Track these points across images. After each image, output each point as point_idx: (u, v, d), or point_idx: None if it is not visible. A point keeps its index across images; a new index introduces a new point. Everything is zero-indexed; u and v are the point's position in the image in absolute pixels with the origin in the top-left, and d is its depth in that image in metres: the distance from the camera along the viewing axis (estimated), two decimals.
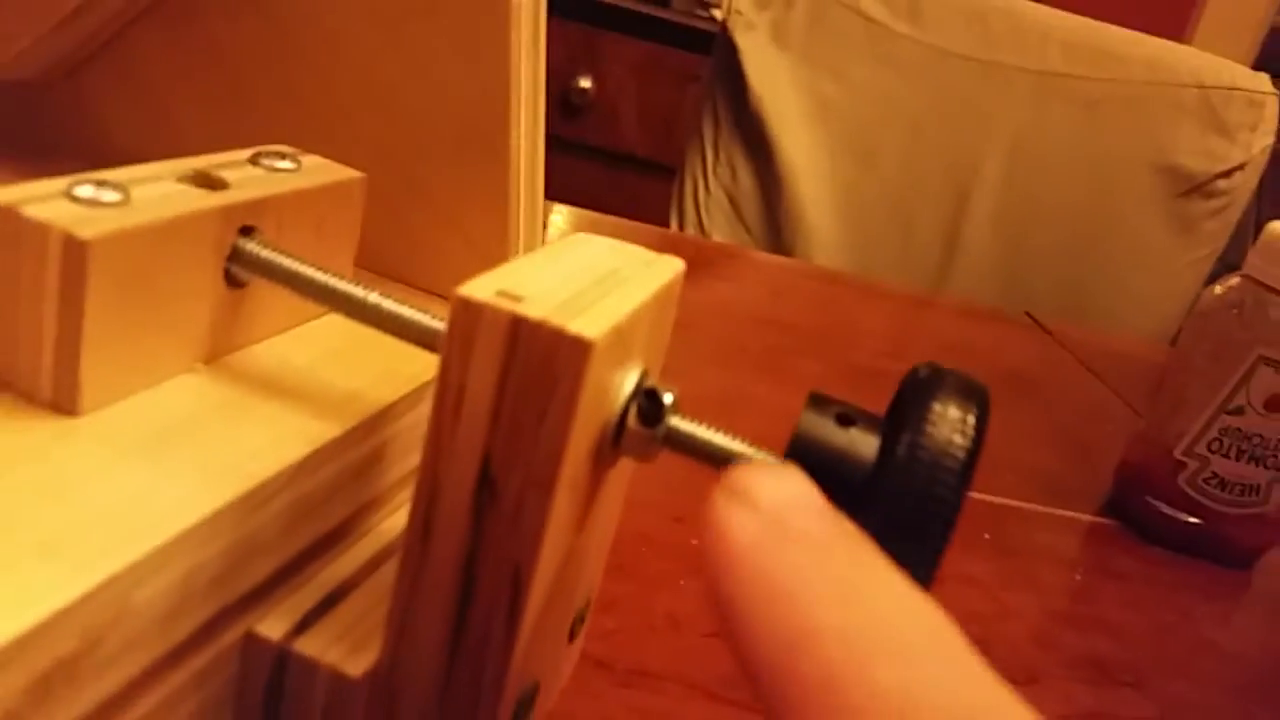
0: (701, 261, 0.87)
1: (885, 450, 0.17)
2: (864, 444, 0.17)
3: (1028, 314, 0.87)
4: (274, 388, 0.20)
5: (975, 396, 0.17)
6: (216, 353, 0.20)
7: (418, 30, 0.24)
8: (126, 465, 0.17)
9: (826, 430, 0.17)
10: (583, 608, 0.23)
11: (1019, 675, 0.39)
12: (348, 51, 0.25)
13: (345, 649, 0.18)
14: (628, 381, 0.18)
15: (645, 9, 1.70)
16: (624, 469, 0.21)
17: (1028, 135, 1.08)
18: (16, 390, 0.17)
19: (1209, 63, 1.11)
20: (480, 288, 0.16)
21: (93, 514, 0.15)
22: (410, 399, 0.21)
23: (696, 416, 0.18)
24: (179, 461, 0.17)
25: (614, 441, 0.18)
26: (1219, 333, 0.50)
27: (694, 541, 0.39)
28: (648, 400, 0.18)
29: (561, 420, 0.16)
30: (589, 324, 0.16)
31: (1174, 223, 1.11)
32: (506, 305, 0.16)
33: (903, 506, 0.16)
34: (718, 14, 1.29)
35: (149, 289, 0.18)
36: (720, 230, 1.13)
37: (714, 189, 1.12)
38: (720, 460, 0.18)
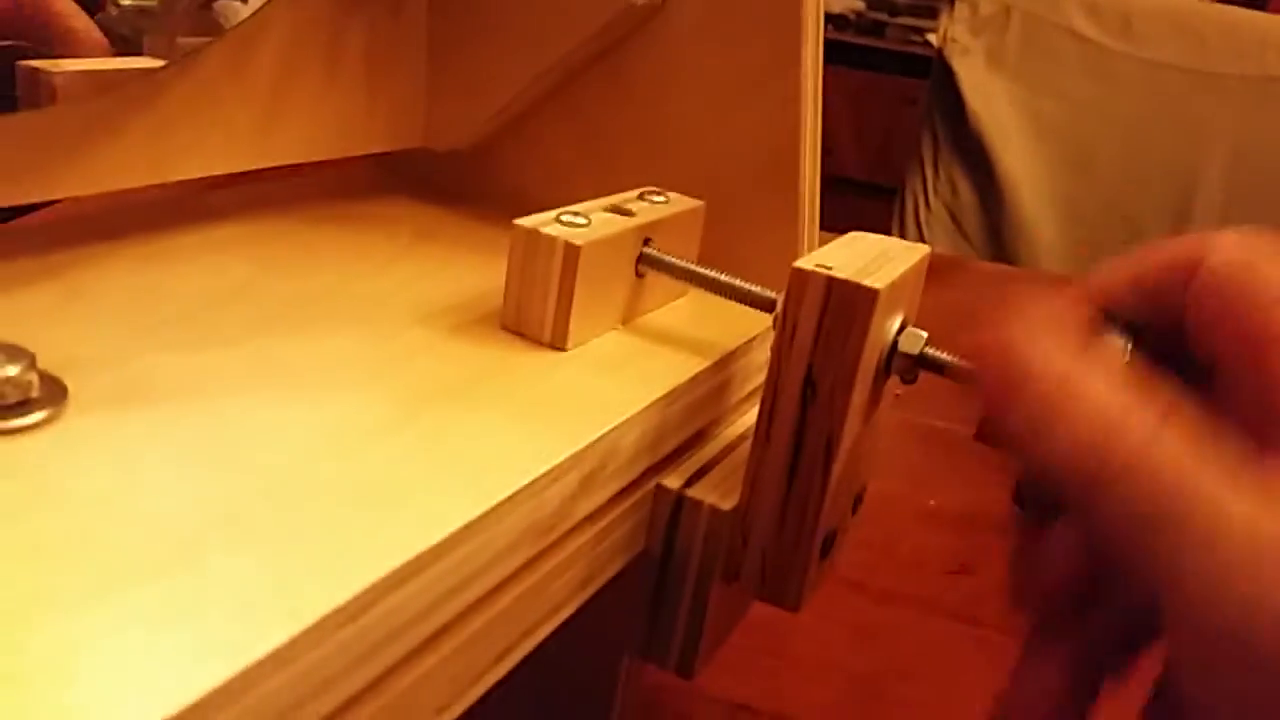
0: (929, 271, 0.95)
1: None
2: None
3: None
4: (662, 339, 0.32)
5: None
6: (628, 318, 0.32)
7: (735, 97, 0.35)
8: (596, 380, 0.28)
9: None
10: (859, 491, 0.32)
11: None
12: (684, 118, 0.36)
13: (720, 494, 0.29)
14: (895, 324, 0.28)
15: (861, 40, 1.78)
16: (889, 393, 0.31)
17: (1249, 141, 1.10)
18: (527, 334, 0.29)
19: None
20: (805, 262, 0.26)
21: (592, 401, 0.27)
22: (744, 347, 0.32)
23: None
24: (624, 378, 0.29)
25: (886, 366, 0.28)
26: None
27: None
28: (908, 335, 0.28)
29: (858, 340, 0.26)
30: (875, 280, 0.26)
31: None
32: (823, 270, 0.26)
33: None
34: (932, 39, 1.36)
35: (601, 275, 0.30)
36: (940, 243, 1.20)
37: (934, 205, 1.20)
38: (954, 374, 0.28)
